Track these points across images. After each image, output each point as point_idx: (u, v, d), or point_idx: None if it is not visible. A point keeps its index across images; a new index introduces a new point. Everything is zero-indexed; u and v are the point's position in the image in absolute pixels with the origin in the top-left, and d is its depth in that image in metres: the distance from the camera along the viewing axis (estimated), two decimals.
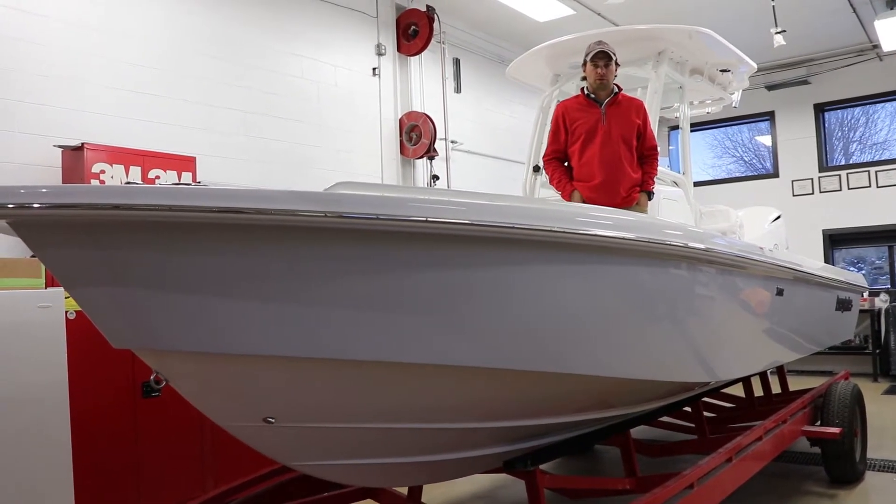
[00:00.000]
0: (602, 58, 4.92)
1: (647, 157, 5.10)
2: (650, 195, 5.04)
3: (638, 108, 5.04)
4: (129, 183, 2.38)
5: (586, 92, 5.05)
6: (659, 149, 5.20)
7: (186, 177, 6.49)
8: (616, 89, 5.04)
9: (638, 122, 5.00)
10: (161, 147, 6.69)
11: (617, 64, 5.02)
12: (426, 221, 2.58)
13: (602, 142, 4.92)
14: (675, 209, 5.54)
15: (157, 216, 2.29)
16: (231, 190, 2.36)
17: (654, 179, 5.13)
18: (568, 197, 5.00)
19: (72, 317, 4.24)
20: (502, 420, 3.32)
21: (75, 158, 6.01)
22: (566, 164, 5.15)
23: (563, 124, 5.07)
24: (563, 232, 2.95)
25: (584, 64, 5.01)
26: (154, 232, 2.36)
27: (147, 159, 6.28)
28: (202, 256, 2.42)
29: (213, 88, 7.48)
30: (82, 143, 5.99)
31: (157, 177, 6.30)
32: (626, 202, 4.89)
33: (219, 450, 5.00)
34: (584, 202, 4.85)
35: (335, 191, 2.62)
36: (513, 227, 2.78)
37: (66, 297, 4.08)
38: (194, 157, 6.70)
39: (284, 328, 2.56)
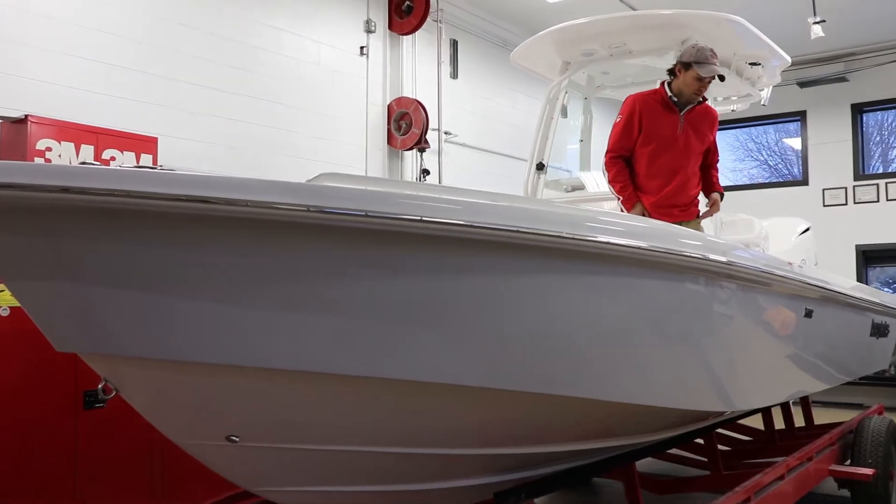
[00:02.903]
0: (710, 75, 5.00)
1: (711, 166, 5.41)
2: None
3: (713, 120, 5.21)
4: (83, 163, 2.36)
5: (669, 93, 5.07)
6: None
7: (146, 159, 6.45)
8: (700, 98, 5.13)
9: (711, 137, 5.11)
10: (118, 124, 6.66)
11: (722, 78, 5.21)
12: (421, 221, 2.58)
13: (679, 153, 5.00)
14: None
15: (113, 203, 2.27)
16: (199, 176, 2.35)
17: None
18: (630, 207, 5.06)
19: (5, 313, 4.20)
20: (494, 447, 3.32)
21: (17, 132, 5.90)
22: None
23: (637, 121, 5.10)
24: (571, 238, 2.95)
25: (685, 65, 5.04)
26: (109, 221, 2.34)
27: (101, 137, 6.23)
28: (164, 251, 2.41)
29: (179, 60, 7.46)
30: (25, 116, 5.89)
31: (113, 158, 6.25)
32: (685, 216, 4.99)
33: (171, 472, 4.94)
34: (646, 216, 4.93)
35: (319, 182, 2.61)
36: (516, 231, 2.78)
37: (0, 291, 4.03)
38: (156, 138, 6.67)
39: (255, 335, 2.55)
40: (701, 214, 5.33)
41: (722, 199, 5.42)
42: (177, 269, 2.44)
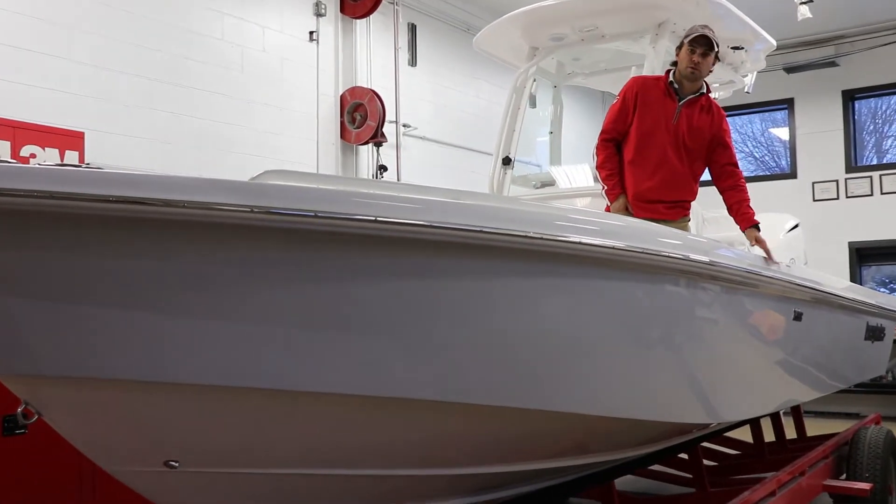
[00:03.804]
0: (702, 44, 4.96)
1: (728, 174, 5.19)
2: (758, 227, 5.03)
3: (716, 118, 5.12)
4: None
5: (671, 79, 5.09)
6: None
7: (72, 156, 6.40)
8: (704, 89, 5.12)
9: (708, 135, 5.08)
10: (38, 118, 6.59)
11: (717, 59, 5.10)
12: (375, 221, 2.59)
13: (668, 144, 5.00)
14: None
15: (34, 205, 2.25)
16: (131, 174, 2.34)
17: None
18: (613, 198, 5.07)
19: None
20: (461, 466, 3.32)
21: None
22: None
23: (633, 103, 5.10)
24: (539, 238, 2.97)
25: (681, 46, 5.06)
26: (29, 224, 2.31)
27: (19, 132, 6.16)
28: (92, 258, 2.39)
29: (108, 47, 7.40)
30: None
31: (33, 155, 6.19)
32: (670, 214, 4.99)
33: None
34: (628, 214, 4.94)
35: (264, 181, 2.60)
36: (479, 231, 2.79)
37: None
38: (82, 133, 6.62)
39: (196, 349, 2.54)
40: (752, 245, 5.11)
41: (759, 230, 5.05)
42: (106, 277, 2.42)
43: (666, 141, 5.00)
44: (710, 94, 5.17)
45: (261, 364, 2.62)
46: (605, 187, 5.14)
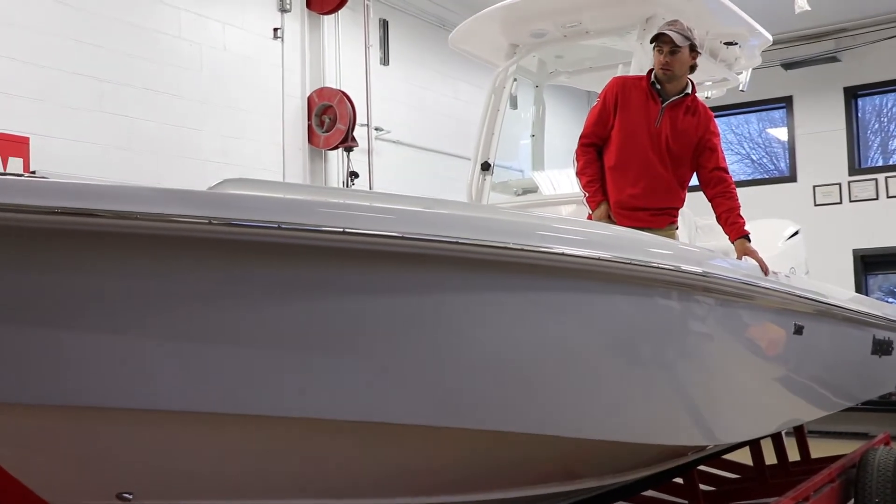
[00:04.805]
0: (665, 42, 4.97)
1: (716, 180, 5.15)
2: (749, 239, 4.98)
3: (702, 119, 5.08)
4: None
5: (652, 79, 5.10)
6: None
7: (16, 164, 6.36)
8: (689, 89, 5.14)
9: (695, 140, 5.08)
10: None
11: (695, 51, 5.07)
12: (343, 233, 2.60)
13: (650, 149, 5.00)
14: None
15: None
16: (79, 184, 2.35)
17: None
18: (594, 206, 5.07)
19: None
20: (437, 494, 3.32)
21: None
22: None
23: (613, 104, 5.11)
24: (520, 249, 2.98)
25: (653, 45, 5.08)
26: None
27: None
28: (35, 274, 2.38)
29: (57, 45, 7.35)
30: None
31: None
32: (655, 222, 4.99)
33: None
34: (610, 221, 4.94)
35: (223, 190, 2.61)
36: (455, 243, 2.80)
37: None
38: (27, 138, 6.59)
39: (150, 372, 2.53)
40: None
41: (749, 241, 4.99)
42: (51, 295, 2.41)
43: (648, 145, 5.01)
44: (695, 95, 5.18)
45: (220, 388, 2.61)
46: (586, 194, 5.14)
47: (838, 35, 13.08)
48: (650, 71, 5.14)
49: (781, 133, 14.24)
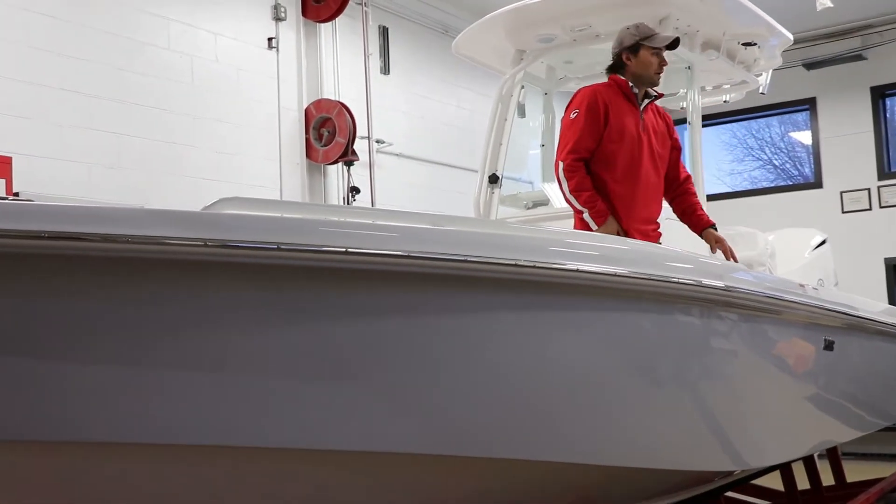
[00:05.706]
0: (673, 47, 5.10)
1: (683, 178, 5.43)
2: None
3: (670, 121, 5.27)
4: None
5: (630, 83, 5.11)
6: None
7: None
8: (654, 91, 5.23)
9: (669, 141, 5.21)
10: None
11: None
12: (346, 253, 2.60)
13: (643, 156, 5.04)
14: (681, 233, 5.63)
15: None
16: (66, 206, 2.36)
17: None
18: (602, 221, 4.98)
19: None
20: None
21: None
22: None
23: (603, 113, 5.06)
24: (531, 267, 2.98)
25: (632, 49, 5.10)
26: None
27: None
28: (20, 300, 2.39)
29: (42, 60, 7.37)
30: None
31: None
32: (656, 237, 5.10)
33: None
34: (622, 234, 4.95)
35: (218, 210, 2.62)
36: (463, 261, 2.81)
37: None
38: (9, 158, 6.61)
39: (141, 403, 2.54)
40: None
41: (717, 230, 5.32)
42: (37, 321, 2.41)
43: (642, 153, 5.03)
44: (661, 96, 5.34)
45: (216, 419, 2.61)
46: (588, 210, 5.03)
47: (864, 32, 13.05)
48: (614, 75, 5.16)
49: (805, 137, 14.20)
